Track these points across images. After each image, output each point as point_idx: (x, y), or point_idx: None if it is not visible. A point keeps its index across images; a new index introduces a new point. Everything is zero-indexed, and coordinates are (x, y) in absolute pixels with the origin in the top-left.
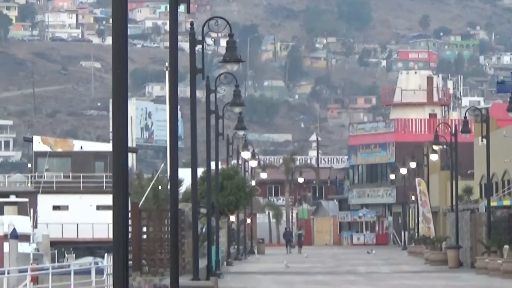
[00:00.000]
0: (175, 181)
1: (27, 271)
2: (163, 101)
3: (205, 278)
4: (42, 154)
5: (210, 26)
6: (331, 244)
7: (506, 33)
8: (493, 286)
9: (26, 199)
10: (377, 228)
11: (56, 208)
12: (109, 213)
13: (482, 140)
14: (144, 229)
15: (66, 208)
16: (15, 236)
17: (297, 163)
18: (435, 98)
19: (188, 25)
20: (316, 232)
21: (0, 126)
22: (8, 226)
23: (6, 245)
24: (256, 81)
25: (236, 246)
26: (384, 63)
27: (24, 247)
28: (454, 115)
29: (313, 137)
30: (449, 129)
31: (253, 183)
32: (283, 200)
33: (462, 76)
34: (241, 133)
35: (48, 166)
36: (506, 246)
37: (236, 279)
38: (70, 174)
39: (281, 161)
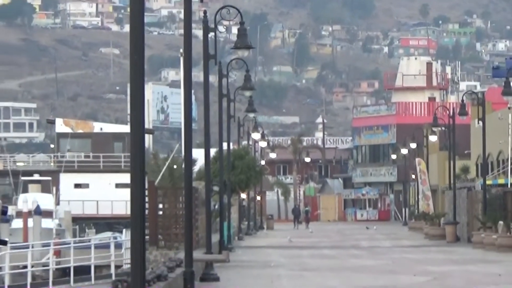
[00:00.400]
0: (189, 161)
1: (50, 245)
2: (178, 86)
3: (217, 251)
4: (64, 135)
5: (222, 14)
6: (336, 220)
7: (502, 21)
8: (488, 260)
9: (49, 178)
10: (379, 205)
11: (77, 186)
12: (127, 191)
13: (478, 122)
14: (160, 205)
15: (86, 186)
16: (38, 212)
17: (304, 143)
18: (434, 83)
19: (202, 14)
20: (322, 207)
21: (25, 109)
22: (32, 203)
23: (30, 221)
24: (265, 66)
25: (246, 222)
26: (386, 49)
27: (47, 223)
28: (452, 99)
29: (319, 119)
30: (447, 112)
31: (263, 162)
32: (291, 178)
33: (459, 62)
34: (251, 115)
35: (69, 147)
36: (501, 222)
37: (247, 253)
38: (91, 154)
39: (289, 142)
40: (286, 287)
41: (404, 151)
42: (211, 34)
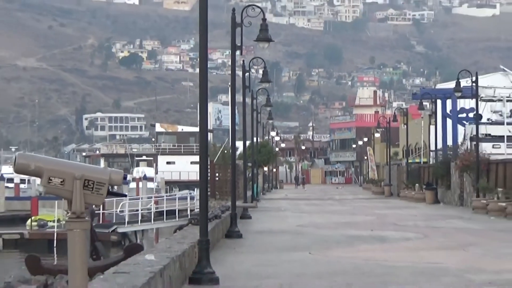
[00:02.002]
0: (234, 148)
1: (151, 198)
2: (227, 104)
3: (250, 201)
4: (160, 133)
5: (253, 62)
6: (320, 184)
7: (418, 66)
8: (409, 207)
9: (151, 158)
10: (345, 174)
11: (168, 163)
12: (197, 166)
13: (403, 126)
14: (216, 174)
15: (173, 163)
16: (145, 178)
17: (301, 138)
18: (377, 102)
19: (241, 61)
20: (312, 176)
21: (137, 118)
22: (141, 173)
23: (140, 183)
24: (278, 93)
25: (267, 184)
26: (350, 83)
27: (150, 185)
28: (388, 112)
29: (310, 124)
30: (386, 119)
31: (277, 149)
32: (293, 158)
33: (393, 91)
34: (270, 121)
35: (163, 140)
36: (417, 184)
37: (267, 202)
38: (176, 144)
39: (292, 137)
40: (291, 222)
41: (360, 142)
42: (247, 74)
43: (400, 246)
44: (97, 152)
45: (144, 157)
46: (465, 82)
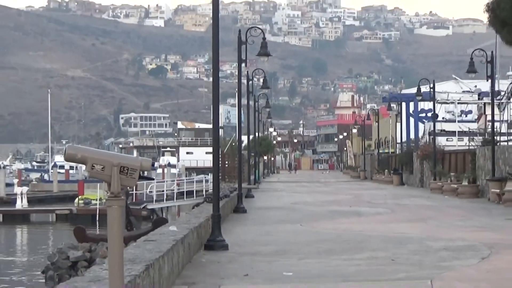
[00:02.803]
0: (240, 141)
1: (174, 181)
2: (235, 106)
3: (253, 183)
4: (181, 129)
5: (255, 72)
6: (309, 169)
7: (387, 76)
8: (380, 188)
9: (174, 149)
10: (329, 162)
11: (187, 153)
12: (211, 155)
13: (375, 123)
14: (226, 162)
15: (192, 153)
16: (169, 165)
17: (294, 133)
18: (355, 105)
19: (246, 72)
20: (302, 163)
21: (163, 117)
22: (166, 161)
23: (165, 169)
24: (275, 97)
25: (266, 170)
26: (332, 89)
27: (173, 170)
28: (363, 112)
29: (301, 122)
30: (361, 118)
31: (274, 142)
32: (287, 149)
33: (367, 95)
34: (269, 120)
35: (184, 134)
36: (386, 170)
37: (267, 184)
38: (194, 138)
39: (286, 132)
40: (285, 200)
41: (340, 136)
42: (250, 82)
43: (373, 219)
44: (131, 144)
45: (168, 149)
46: (424, 88)
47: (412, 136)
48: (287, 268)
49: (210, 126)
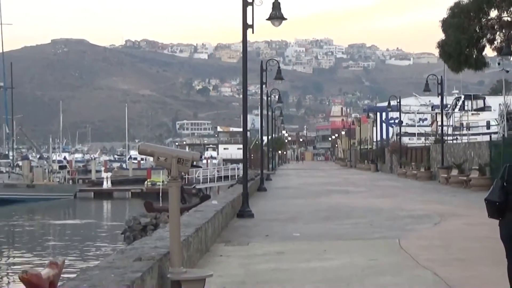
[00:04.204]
0: (261, 140)
1: (215, 169)
2: (258, 115)
3: (271, 170)
4: (220, 132)
5: (273, 91)
6: (310, 161)
7: (367, 93)
8: (361, 173)
9: (215, 146)
10: (325, 155)
11: (224, 149)
12: (241, 150)
13: (358, 127)
14: (252, 155)
15: (227, 148)
16: (211, 157)
17: (300, 134)
18: (343, 114)
19: (265, 91)
20: (306, 156)
21: (207, 123)
22: (209, 154)
23: (209, 161)
24: (286, 109)
25: (280, 161)
26: (327, 103)
27: (214, 161)
28: (349, 119)
29: (305, 126)
30: (348, 124)
31: (286, 141)
32: (295, 146)
33: (352, 107)
34: (282, 125)
35: (221, 135)
36: (366, 160)
37: (280, 171)
38: (229, 138)
39: (294, 134)
40: (294, 182)
41: (333, 137)
42: (269, 98)
43: (357, 196)
44: (184, 142)
45: (210, 146)
46: (393, 102)
47: (384, 136)
48: (296, 230)
49: (241, 129)
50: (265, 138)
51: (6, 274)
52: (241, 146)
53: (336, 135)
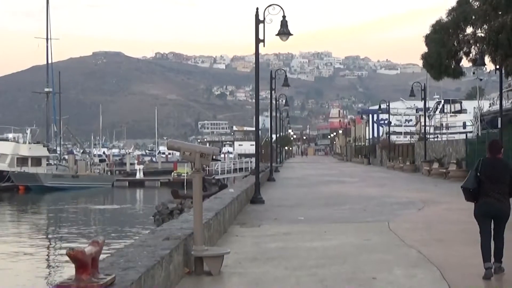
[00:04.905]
0: (271, 138)
1: (231, 162)
2: (268, 116)
3: (279, 163)
4: (236, 130)
5: (280, 96)
6: (313, 155)
7: (360, 98)
8: (355, 166)
9: (231, 143)
10: (325, 150)
11: (240, 145)
12: (254, 146)
13: (353, 127)
14: (263, 151)
15: (242, 145)
16: (227, 153)
17: (303, 133)
18: (340, 115)
19: (274, 96)
20: (308, 152)
21: (224, 123)
22: (226, 150)
23: (226, 155)
24: (291, 111)
25: (287, 155)
26: (327, 106)
27: (231, 156)
28: (346, 120)
29: (308, 126)
30: (345, 124)
31: (291, 138)
32: (299, 143)
33: (348, 110)
34: (288, 125)
35: (237, 134)
36: (360, 155)
37: (287, 164)
38: (243, 136)
39: (299, 133)
40: (299, 173)
41: (332, 135)
42: (278, 101)
43: (352, 185)
44: (205, 140)
45: (228, 142)
46: (383, 106)
47: (375, 135)
48: (300, 214)
49: (253, 128)
50: (274, 136)
51: (56, 251)
52: (253, 142)
53: (334, 133)
